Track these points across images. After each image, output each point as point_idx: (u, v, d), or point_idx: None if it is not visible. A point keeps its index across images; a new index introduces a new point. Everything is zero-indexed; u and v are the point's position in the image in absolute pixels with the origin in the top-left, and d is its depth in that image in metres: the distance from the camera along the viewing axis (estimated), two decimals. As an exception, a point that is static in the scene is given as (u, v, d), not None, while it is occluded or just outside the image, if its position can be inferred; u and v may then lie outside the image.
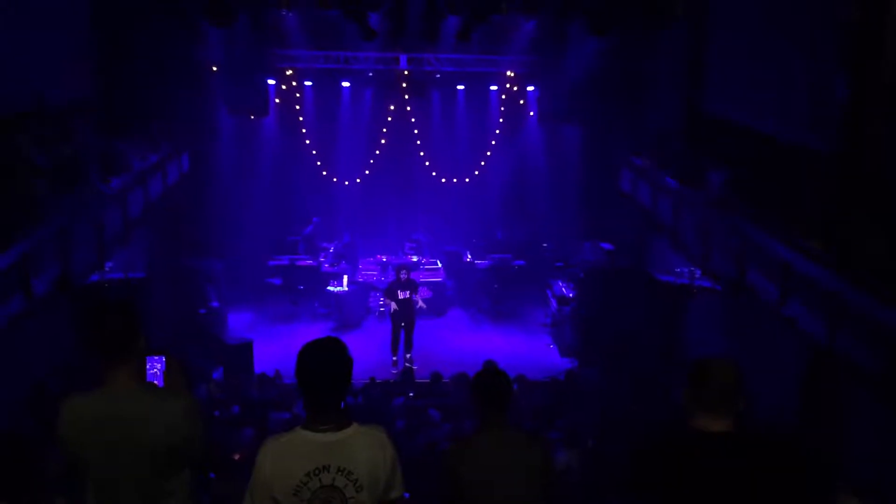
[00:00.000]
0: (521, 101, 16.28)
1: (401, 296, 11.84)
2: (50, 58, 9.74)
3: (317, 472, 2.82)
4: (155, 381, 3.35)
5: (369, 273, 15.29)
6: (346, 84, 15.82)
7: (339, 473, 2.83)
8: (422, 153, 16.49)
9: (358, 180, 16.50)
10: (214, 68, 13.81)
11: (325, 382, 2.88)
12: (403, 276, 11.93)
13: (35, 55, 9.25)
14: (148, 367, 3.29)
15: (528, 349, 13.13)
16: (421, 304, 12.17)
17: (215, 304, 12.94)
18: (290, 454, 2.86)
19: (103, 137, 10.28)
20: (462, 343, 13.21)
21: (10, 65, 8.59)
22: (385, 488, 2.92)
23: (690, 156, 10.93)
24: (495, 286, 14.86)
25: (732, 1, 10.62)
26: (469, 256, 15.91)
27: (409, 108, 16.13)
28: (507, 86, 15.94)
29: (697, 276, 10.92)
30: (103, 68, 11.54)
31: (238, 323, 13.77)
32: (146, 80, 11.71)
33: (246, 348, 11.24)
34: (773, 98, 9.12)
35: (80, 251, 8.70)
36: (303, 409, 3.02)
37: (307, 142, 16.25)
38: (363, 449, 2.88)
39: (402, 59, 14.73)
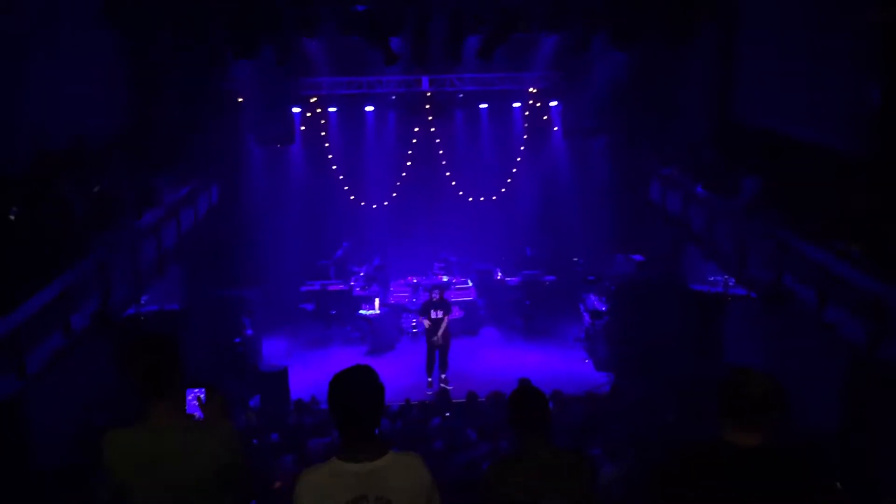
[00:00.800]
0: (545, 117, 16.30)
1: (434, 316, 11.85)
2: (87, 97, 9.98)
3: (355, 501, 2.81)
4: (194, 413, 3.37)
5: (400, 295, 15.32)
6: (369, 108, 15.97)
7: (378, 503, 2.82)
8: (448, 173, 16.57)
9: (385, 203, 16.62)
10: (241, 99, 14.02)
11: (357, 412, 2.87)
12: (436, 296, 11.95)
13: (73, 95, 9.48)
14: (188, 398, 3.31)
15: (563, 364, 13.02)
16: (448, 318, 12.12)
17: (250, 332, 13.03)
18: (327, 485, 2.85)
19: (136, 172, 10.46)
20: (496, 361, 13.15)
21: (49, 104, 8.82)
22: (423, 515, 2.90)
23: (722, 164, 10.82)
24: (527, 303, 14.80)
25: (761, 8, 10.54)
26: (500, 274, 15.87)
27: (433, 129, 16.24)
28: (530, 102, 15.97)
29: (731, 284, 10.77)
30: (136, 104, 11.78)
31: (273, 350, 13.84)
32: (176, 114, 11.93)
33: (281, 375, 11.30)
34: (804, 103, 9.03)
35: (116, 285, 8.85)
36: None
37: (334, 167, 16.40)
38: (400, 477, 2.87)
39: (424, 80, 14.85)
